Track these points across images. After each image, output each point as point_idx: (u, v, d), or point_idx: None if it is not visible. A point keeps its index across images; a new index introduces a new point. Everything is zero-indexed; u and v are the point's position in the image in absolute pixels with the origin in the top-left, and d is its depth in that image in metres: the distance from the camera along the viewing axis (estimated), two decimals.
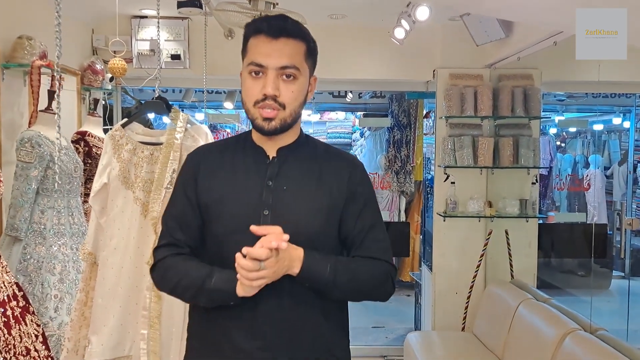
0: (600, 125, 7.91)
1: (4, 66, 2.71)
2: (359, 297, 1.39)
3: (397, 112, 5.90)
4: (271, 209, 1.32)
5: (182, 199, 1.40)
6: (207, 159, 1.42)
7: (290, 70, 1.30)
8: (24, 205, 2.51)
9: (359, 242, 1.38)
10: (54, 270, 2.53)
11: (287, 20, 1.34)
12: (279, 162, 1.38)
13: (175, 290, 1.36)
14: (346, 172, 1.40)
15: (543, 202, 7.75)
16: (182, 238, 1.38)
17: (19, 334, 2.04)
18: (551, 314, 2.82)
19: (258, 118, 1.32)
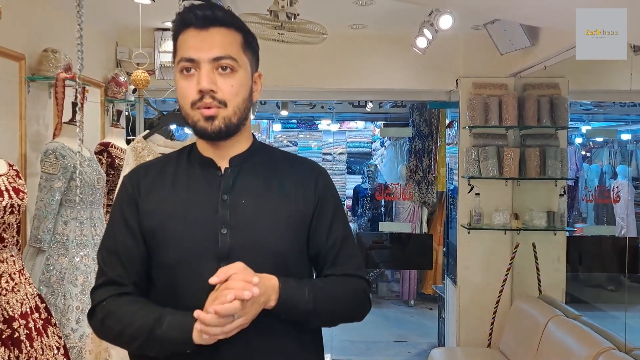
0: (627, 135, 7.74)
1: (29, 79, 2.73)
2: (338, 321, 1.26)
3: (419, 122, 5.85)
4: (230, 226, 1.15)
5: (121, 227, 1.20)
6: (147, 178, 1.24)
7: (226, 62, 1.14)
8: (47, 216, 2.52)
9: (332, 259, 1.24)
10: (76, 282, 2.53)
11: (216, 7, 1.17)
12: (233, 172, 1.22)
13: (119, 340, 1.16)
14: (311, 179, 1.26)
15: (569, 214, 7.59)
16: (123, 274, 1.18)
17: (40, 347, 2.03)
18: (583, 332, 2.72)
19: (199, 120, 1.15)
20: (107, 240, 1.23)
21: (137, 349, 1.14)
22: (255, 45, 1.24)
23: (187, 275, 1.14)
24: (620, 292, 6.03)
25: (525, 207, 3.75)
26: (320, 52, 3.35)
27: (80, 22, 1.70)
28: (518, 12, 1.38)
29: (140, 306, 1.14)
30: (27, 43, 2.76)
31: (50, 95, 2.98)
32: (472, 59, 3.81)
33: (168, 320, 1.09)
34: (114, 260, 1.19)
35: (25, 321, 2.01)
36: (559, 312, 3.05)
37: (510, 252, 3.76)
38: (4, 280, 1.98)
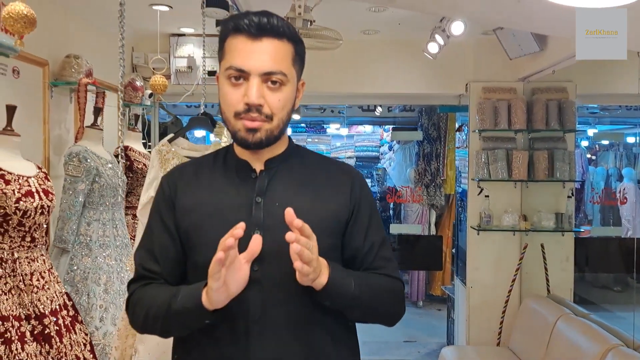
0: (632, 138, 7.79)
1: (52, 84, 2.82)
2: (376, 316, 1.24)
3: (427, 126, 5.91)
4: (263, 229, 1.14)
5: (158, 227, 1.22)
6: (183, 179, 1.24)
7: (276, 77, 1.12)
8: (71, 217, 2.60)
9: (370, 262, 1.23)
10: (99, 281, 2.61)
11: (271, 16, 1.13)
12: (268, 175, 1.20)
13: (146, 325, 1.17)
14: (348, 183, 1.24)
15: (576, 216, 7.63)
16: (156, 270, 1.20)
17: (69, 342, 2.11)
18: (591, 330, 2.78)
19: (240, 130, 1.14)
20: (144, 239, 1.25)
21: (162, 329, 1.16)
22: (304, 54, 1.21)
23: None
24: (627, 293, 6.06)
25: (533, 208, 3.81)
26: (333, 57, 3.43)
27: (122, 34, 1.77)
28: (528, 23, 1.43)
29: (162, 289, 1.16)
30: (50, 49, 2.85)
31: (71, 99, 3.07)
32: (482, 63, 3.88)
33: (182, 293, 1.10)
34: (150, 258, 1.21)
35: (55, 318, 2.09)
36: (568, 311, 3.11)
37: (519, 252, 3.82)
38: (35, 278, 2.06)
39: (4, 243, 1.99)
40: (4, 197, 1.95)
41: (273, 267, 1.13)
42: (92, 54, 3.16)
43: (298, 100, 1.22)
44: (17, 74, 2.54)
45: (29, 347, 1.95)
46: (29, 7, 1.73)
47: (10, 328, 1.91)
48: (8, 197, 1.96)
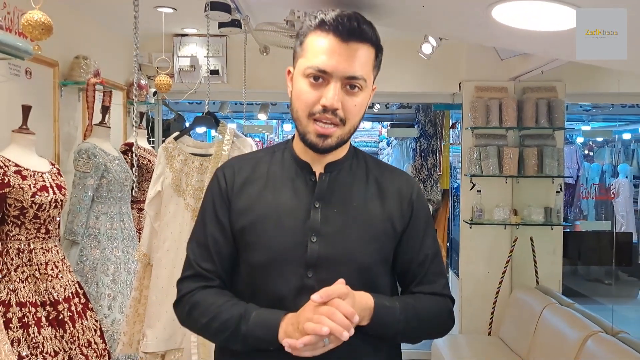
0: (628, 134, 7.92)
1: (62, 84, 2.96)
2: (421, 339, 1.23)
3: (424, 122, 6.04)
4: (319, 235, 1.12)
5: (212, 222, 1.20)
6: (241, 175, 1.22)
7: (357, 82, 1.10)
8: (81, 211, 2.74)
9: (422, 276, 1.21)
10: (107, 272, 2.75)
11: (361, 20, 1.10)
12: (328, 179, 1.18)
13: (204, 332, 1.18)
14: (407, 193, 1.22)
15: (570, 211, 7.77)
16: (211, 268, 1.18)
17: (81, 328, 2.25)
18: (574, 318, 2.93)
19: (310, 133, 1.12)
20: (197, 232, 1.23)
21: (222, 342, 1.16)
22: (382, 58, 1.20)
23: (272, 278, 1.13)
24: (617, 286, 6.22)
25: (524, 203, 3.95)
26: None
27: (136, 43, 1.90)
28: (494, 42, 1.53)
29: (226, 300, 1.14)
30: (60, 51, 2.98)
31: (79, 98, 3.21)
32: (474, 64, 4.01)
33: (254, 317, 1.09)
34: (204, 253, 1.19)
35: (68, 304, 2.23)
36: (554, 301, 3.26)
37: (510, 245, 3.97)
38: (50, 267, 2.20)
39: (21, 235, 2.14)
40: (20, 192, 2.09)
41: (327, 273, 1.11)
42: (98, 53, 3.29)
43: (368, 103, 1.20)
44: (29, 75, 2.68)
45: (45, 331, 2.09)
46: (46, 15, 1.86)
47: (28, 313, 2.06)
48: (25, 191, 2.10)
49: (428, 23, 1.33)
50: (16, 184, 2.08)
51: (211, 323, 1.12)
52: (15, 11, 2.54)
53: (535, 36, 1.10)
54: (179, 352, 2.22)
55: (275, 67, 3.81)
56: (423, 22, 1.32)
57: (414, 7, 1.09)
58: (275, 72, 3.86)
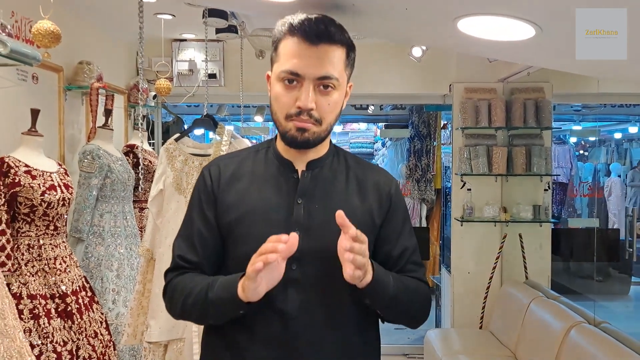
0: (619, 133, 8.06)
1: (67, 88, 3.08)
2: (407, 317, 1.29)
3: (417, 123, 6.17)
4: (303, 229, 1.17)
5: (198, 216, 1.24)
6: (227, 172, 1.26)
7: (329, 82, 1.15)
8: (86, 210, 2.86)
9: (402, 266, 1.26)
10: (111, 267, 2.88)
11: (329, 22, 1.15)
12: (310, 176, 1.24)
13: (184, 312, 1.22)
14: (385, 187, 1.27)
15: (563, 209, 7.91)
16: (194, 260, 1.23)
17: (88, 320, 2.38)
18: (559, 309, 3.06)
19: (291, 130, 1.17)
20: (183, 229, 1.28)
21: (199, 317, 1.21)
22: (354, 57, 1.24)
23: None
24: (610, 283, 6.35)
25: (513, 201, 4.08)
26: None
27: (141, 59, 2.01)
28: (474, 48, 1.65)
29: (199, 278, 1.19)
30: (65, 56, 3.10)
31: (83, 102, 3.33)
32: (464, 66, 4.14)
33: (218, 283, 1.14)
34: (189, 246, 1.23)
35: (76, 297, 2.36)
36: (541, 294, 3.39)
37: (500, 242, 4.10)
38: (58, 262, 2.33)
39: (31, 231, 2.26)
40: (30, 191, 2.21)
41: (311, 267, 1.17)
42: (100, 59, 3.41)
43: (345, 101, 1.25)
44: (36, 80, 2.80)
45: (54, 322, 2.22)
46: (55, 25, 1.99)
47: (38, 305, 2.18)
48: (34, 190, 2.22)
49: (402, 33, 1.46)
50: (26, 183, 2.20)
51: (187, 300, 1.18)
52: (23, 19, 2.66)
53: (498, 45, 1.22)
54: (180, 342, 2.34)
55: None
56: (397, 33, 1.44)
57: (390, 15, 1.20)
58: None
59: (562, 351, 2.77)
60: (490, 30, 1.11)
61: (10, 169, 2.19)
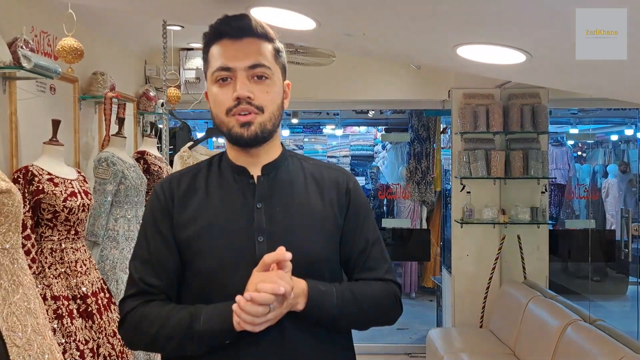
0: (615, 136, 8.19)
1: (81, 98, 3.20)
2: (367, 325, 1.29)
3: (417, 127, 6.31)
4: (266, 234, 1.17)
5: (154, 237, 1.21)
6: (180, 188, 1.24)
7: (261, 70, 1.16)
8: (101, 214, 2.98)
9: (362, 263, 1.26)
10: (126, 270, 2.99)
11: (249, 19, 1.18)
12: (267, 180, 1.23)
13: (155, 344, 1.17)
14: (343, 184, 1.27)
15: (561, 211, 8.04)
16: (156, 284, 1.19)
17: (107, 319, 2.50)
18: (556, 308, 3.18)
19: (234, 126, 1.16)
20: (139, 250, 1.24)
21: (175, 349, 1.15)
22: (284, 56, 1.25)
23: (223, 282, 1.15)
24: (607, 283, 6.47)
25: (511, 203, 4.21)
26: (329, 67, 3.82)
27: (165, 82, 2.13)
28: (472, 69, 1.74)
29: (172, 307, 1.17)
30: (80, 67, 3.21)
31: (96, 111, 3.46)
32: (462, 72, 4.27)
33: (205, 313, 1.12)
34: (148, 269, 1.20)
35: (95, 298, 2.48)
36: (539, 294, 3.52)
37: (498, 243, 4.23)
38: (79, 265, 2.45)
39: (54, 236, 2.38)
40: (53, 197, 2.34)
41: None
42: (111, 68, 3.54)
43: (287, 100, 1.26)
44: (53, 91, 2.92)
45: (77, 322, 2.34)
46: (78, 42, 2.12)
47: (61, 306, 2.30)
48: (57, 197, 2.35)
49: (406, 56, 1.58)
50: (49, 191, 2.33)
51: (161, 331, 1.13)
52: (41, 34, 2.79)
53: (493, 67, 1.35)
54: None
55: None
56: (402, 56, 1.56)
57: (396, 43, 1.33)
58: None
59: (559, 348, 2.89)
60: (486, 55, 1.23)
61: (34, 177, 2.32)
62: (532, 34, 1.08)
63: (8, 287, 1.77)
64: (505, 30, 1.07)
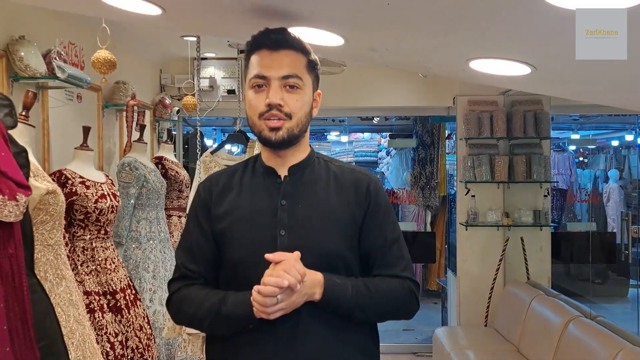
0: (616, 141, 8.34)
1: (105, 106, 3.36)
2: (383, 318, 1.36)
3: (422, 133, 6.45)
4: (287, 229, 1.28)
5: (195, 229, 1.37)
6: (218, 186, 1.38)
7: (293, 80, 1.27)
8: (125, 216, 3.13)
9: (381, 259, 1.33)
10: (148, 269, 3.15)
11: (287, 33, 1.30)
12: (292, 180, 1.34)
13: (193, 322, 1.35)
14: (363, 185, 1.35)
15: (563, 215, 8.18)
16: (195, 269, 1.34)
17: (134, 314, 2.64)
18: (558, 305, 3.32)
19: (264, 130, 1.28)
20: (183, 240, 1.41)
21: (208, 328, 1.32)
22: (317, 68, 1.36)
23: (248, 270, 1.27)
24: (608, 285, 6.59)
25: (514, 206, 4.36)
26: (337, 75, 3.98)
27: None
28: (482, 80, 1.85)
29: (207, 291, 1.31)
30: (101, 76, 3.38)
31: (117, 118, 3.62)
32: (469, 81, 4.43)
33: (231, 299, 1.26)
34: (189, 257, 1.36)
35: (124, 294, 2.63)
36: (542, 292, 3.65)
37: (502, 245, 4.36)
38: (108, 262, 2.60)
39: (85, 235, 2.53)
40: (85, 199, 2.49)
41: None
42: (130, 77, 3.70)
43: (316, 109, 1.37)
44: (80, 99, 3.09)
45: (107, 316, 2.49)
46: (112, 54, 2.27)
47: (93, 301, 2.45)
48: (89, 199, 2.50)
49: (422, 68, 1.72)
50: (82, 193, 2.48)
51: (197, 312, 1.29)
52: (70, 45, 2.95)
53: (502, 78, 1.49)
54: None
55: None
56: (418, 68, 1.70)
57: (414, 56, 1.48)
58: None
59: (561, 343, 3.03)
60: (494, 68, 1.38)
61: (67, 180, 2.47)
62: (537, 50, 1.23)
63: (53, 280, 1.92)
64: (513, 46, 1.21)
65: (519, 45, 1.23)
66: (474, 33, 1.19)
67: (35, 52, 2.43)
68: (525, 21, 1.09)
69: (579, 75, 1.29)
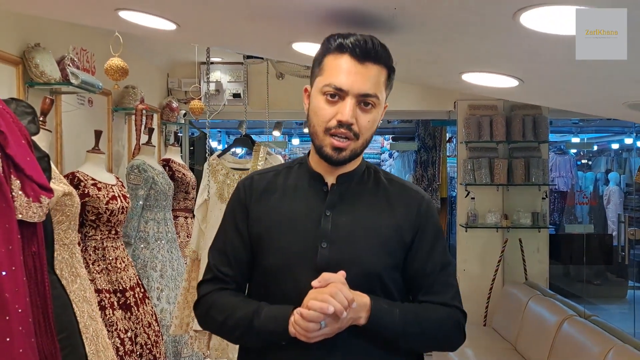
0: (616, 144, 8.42)
1: (114, 110, 3.47)
2: (427, 348, 1.29)
3: (424, 136, 6.55)
4: (330, 241, 1.19)
5: (232, 229, 1.28)
6: (260, 185, 1.29)
7: (371, 99, 1.17)
8: (133, 217, 3.23)
9: (429, 286, 1.24)
10: (156, 268, 3.25)
11: (376, 43, 1.18)
12: (339, 190, 1.25)
13: (221, 330, 1.26)
14: (415, 204, 1.26)
15: (563, 217, 8.26)
16: (229, 273, 1.26)
17: (143, 312, 2.75)
18: (554, 305, 3.41)
19: (327, 146, 1.18)
20: (218, 240, 1.32)
21: (237, 338, 1.24)
22: (393, 79, 1.26)
23: (284, 281, 1.19)
24: (607, 286, 6.67)
25: (513, 208, 4.45)
26: None
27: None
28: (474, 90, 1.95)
29: (240, 299, 1.24)
30: (112, 81, 3.48)
31: (126, 121, 3.73)
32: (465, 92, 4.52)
33: (265, 312, 1.16)
34: (223, 259, 1.28)
35: (133, 292, 2.73)
36: (538, 293, 3.74)
37: (501, 246, 4.46)
38: (119, 262, 2.70)
39: (96, 235, 2.64)
40: (97, 200, 2.59)
41: None
42: (138, 81, 3.81)
43: (380, 119, 1.26)
44: (91, 103, 3.19)
45: (117, 313, 2.59)
46: (124, 62, 2.38)
47: (104, 298, 2.55)
48: (100, 200, 2.60)
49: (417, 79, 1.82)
50: (94, 194, 2.58)
51: (227, 321, 1.21)
52: (81, 51, 3.06)
53: (492, 89, 1.59)
54: None
55: (288, 90, 4.36)
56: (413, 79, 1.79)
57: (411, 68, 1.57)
58: (288, 95, 4.40)
59: (556, 341, 3.12)
60: (485, 80, 1.47)
61: (80, 182, 2.58)
62: (522, 66, 1.32)
63: (68, 277, 2.03)
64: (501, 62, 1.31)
65: (506, 61, 1.33)
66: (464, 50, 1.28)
67: (50, 59, 2.53)
68: (509, 42, 1.18)
69: (562, 89, 1.38)
